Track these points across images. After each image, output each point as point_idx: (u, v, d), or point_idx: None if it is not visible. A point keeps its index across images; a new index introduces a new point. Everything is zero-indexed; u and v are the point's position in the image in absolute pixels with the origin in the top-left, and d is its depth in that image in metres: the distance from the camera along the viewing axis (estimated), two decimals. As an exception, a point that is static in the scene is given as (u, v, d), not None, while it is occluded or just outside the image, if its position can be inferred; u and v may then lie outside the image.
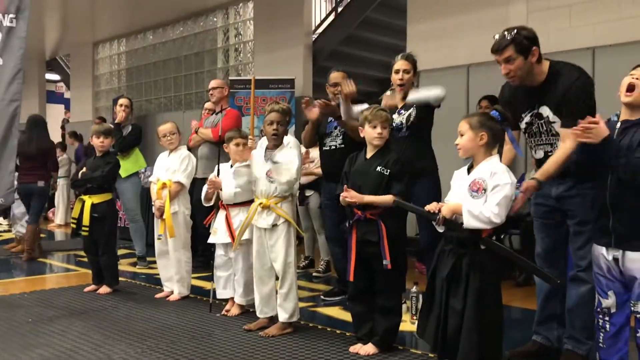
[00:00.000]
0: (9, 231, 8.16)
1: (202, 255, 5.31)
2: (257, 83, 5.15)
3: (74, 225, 4.95)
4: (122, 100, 6.05)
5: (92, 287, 4.88)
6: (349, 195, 3.20)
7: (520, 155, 2.99)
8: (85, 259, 5.86)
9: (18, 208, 7.01)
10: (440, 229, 2.76)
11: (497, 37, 2.87)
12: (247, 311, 4.14)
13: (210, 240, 4.21)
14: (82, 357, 3.27)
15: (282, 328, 3.67)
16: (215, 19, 8.62)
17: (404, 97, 3.89)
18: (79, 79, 11.29)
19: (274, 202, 3.67)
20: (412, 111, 3.83)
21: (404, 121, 3.83)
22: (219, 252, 4.21)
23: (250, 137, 4.03)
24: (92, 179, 4.69)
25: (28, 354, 3.32)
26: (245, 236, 3.96)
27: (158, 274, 4.88)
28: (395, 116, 3.84)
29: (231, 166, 4.16)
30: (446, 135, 3.41)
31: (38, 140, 6.56)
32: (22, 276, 5.95)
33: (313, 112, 4.23)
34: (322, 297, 4.69)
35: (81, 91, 11.16)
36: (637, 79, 2.49)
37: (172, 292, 4.64)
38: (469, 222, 2.59)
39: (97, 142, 4.82)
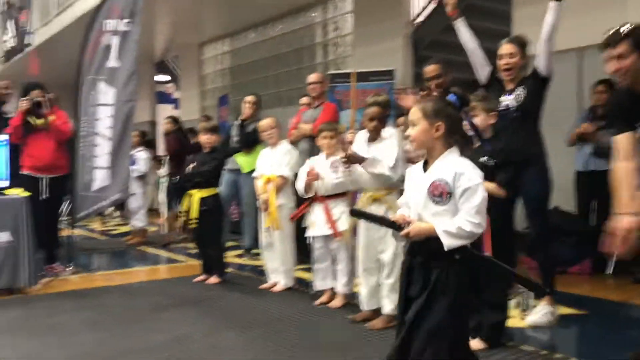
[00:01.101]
0: (126, 224, 8.71)
1: (305, 247, 5.38)
2: (357, 76, 5.12)
3: (183, 218, 5.18)
4: (248, 98, 6.11)
5: (202, 277, 5.10)
6: None
7: (484, 145, 2.48)
8: (194, 251, 6.15)
9: (134, 202, 7.46)
10: (402, 241, 2.36)
11: (611, 30, 2.62)
12: (349, 303, 4.16)
13: (309, 233, 4.26)
14: (195, 343, 3.42)
15: (388, 321, 3.64)
16: (314, 15, 8.71)
17: (512, 80, 3.71)
18: (187, 79, 11.83)
19: (383, 194, 3.66)
20: (522, 91, 3.65)
21: (514, 102, 3.66)
22: (317, 244, 4.25)
23: (350, 130, 4.03)
24: (199, 173, 4.90)
25: (147, 338, 3.53)
26: (346, 227, 4.01)
27: (263, 266, 5.01)
28: (504, 98, 3.68)
29: (326, 158, 4.19)
30: (555, 123, 3.21)
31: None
32: (139, 266, 6.34)
33: (408, 100, 4.11)
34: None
35: (189, 91, 11.69)
36: None
37: (276, 283, 4.75)
38: (450, 243, 2.13)
39: (204, 139, 5.03)
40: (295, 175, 4.50)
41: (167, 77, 13.81)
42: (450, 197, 2.14)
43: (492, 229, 3.01)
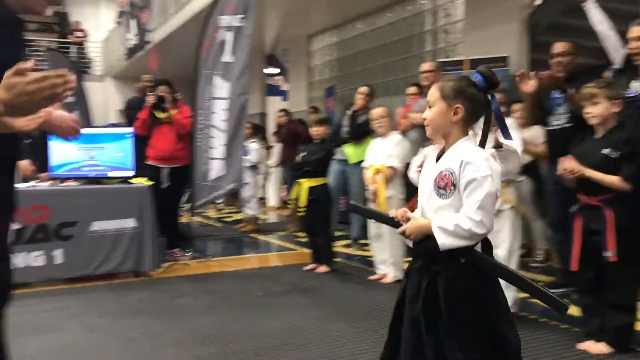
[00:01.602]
0: (239, 212, 9.06)
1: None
2: (469, 63, 4.98)
3: (292, 207, 5.30)
4: (362, 89, 6.13)
5: (311, 265, 5.19)
6: (568, 166, 2.95)
7: (505, 138, 2.08)
8: (304, 239, 6.27)
9: (246, 191, 7.74)
10: (409, 242, 2.05)
11: None
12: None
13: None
14: (305, 330, 3.50)
15: None
16: (423, 2, 8.53)
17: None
18: (295, 71, 12.05)
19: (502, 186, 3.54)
20: None
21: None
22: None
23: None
24: (308, 162, 5.00)
25: (260, 323, 3.65)
26: None
27: (372, 257, 5.01)
28: (635, 84, 3.41)
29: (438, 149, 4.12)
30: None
31: None
32: (251, 253, 6.58)
33: (529, 85, 3.90)
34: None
35: (297, 83, 11.91)
36: None
37: (385, 275, 4.73)
38: (444, 242, 1.84)
39: (314, 130, 5.10)
40: (407, 166, 4.44)
41: (276, 70, 14.15)
42: (455, 190, 1.86)
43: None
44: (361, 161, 6.04)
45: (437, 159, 1.97)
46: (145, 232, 4.96)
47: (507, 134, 2.04)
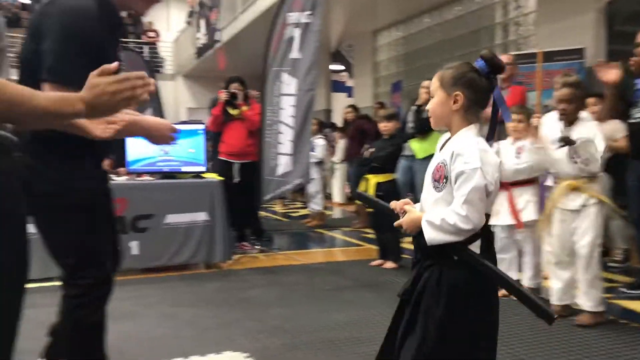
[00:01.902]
0: (304, 207, 9.15)
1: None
2: (542, 56, 4.82)
3: (359, 202, 5.30)
4: (425, 82, 6.12)
5: (378, 261, 5.19)
6: None
7: (506, 121, 1.97)
8: (370, 235, 6.27)
9: (312, 187, 7.81)
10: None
11: None
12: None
13: (491, 222, 4.12)
14: (372, 325, 3.51)
15: (594, 318, 3.41)
16: (493, -6, 8.36)
17: None
18: (360, 67, 12.05)
19: (583, 182, 3.44)
20: None
21: None
22: (501, 234, 4.10)
23: (535, 115, 3.82)
24: (376, 158, 4.99)
25: (328, 317, 3.69)
26: (533, 217, 3.84)
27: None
28: None
29: (512, 144, 4.04)
30: None
31: None
32: (317, 248, 6.64)
33: (612, 74, 3.70)
34: (623, 289, 4.23)
35: (363, 79, 11.90)
36: None
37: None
38: (431, 236, 1.77)
39: (382, 126, 5.09)
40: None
41: (341, 66, 14.18)
42: (447, 182, 1.78)
43: None
44: (428, 156, 6.00)
45: (441, 150, 1.89)
46: (216, 225, 5.10)
47: (507, 116, 1.93)
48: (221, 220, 5.12)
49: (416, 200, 2.01)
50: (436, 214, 1.77)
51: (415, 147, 5.91)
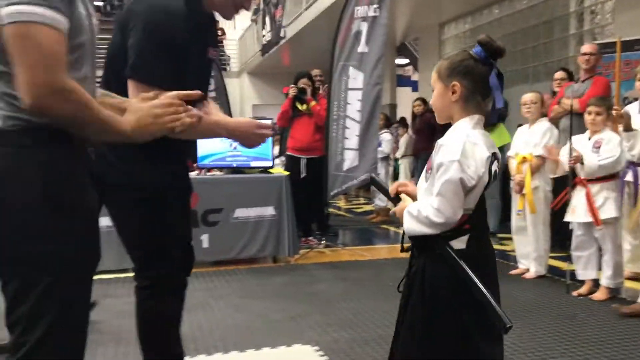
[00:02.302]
0: (369, 203, 9.11)
1: (557, 234, 5.03)
2: (621, 45, 4.58)
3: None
4: None
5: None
6: None
7: (497, 105, 1.80)
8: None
9: (378, 182, 7.75)
10: None
11: None
12: (615, 297, 3.79)
13: (567, 218, 3.98)
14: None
15: None
16: (567, -18, 8.01)
17: None
18: (426, 60, 11.84)
19: None
20: None
21: None
22: (578, 231, 3.93)
23: (615, 107, 3.64)
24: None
25: (394, 312, 3.63)
26: (612, 214, 3.66)
27: (510, 251, 4.80)
28: None
29: (589, 138, 3.86)
30: None
31: None
32: (382, 244, 6.59)
33: None
34: None
35: (429, 72, 11.61)
36: None
37: (527, 270, 4.51)
38: (408, 227, 1.75)
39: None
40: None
41: (406, 60, 14.01)
42: (432, 172, 1.75)
43: None
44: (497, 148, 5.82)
45: None
46: (283, 219, 5.14)
47: (500, 102, 1.80)
48: (288, 215, 5.15)
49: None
50: (417, 204, 1.76)
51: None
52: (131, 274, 2.16)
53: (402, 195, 1.87)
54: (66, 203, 1.36)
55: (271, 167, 5.39)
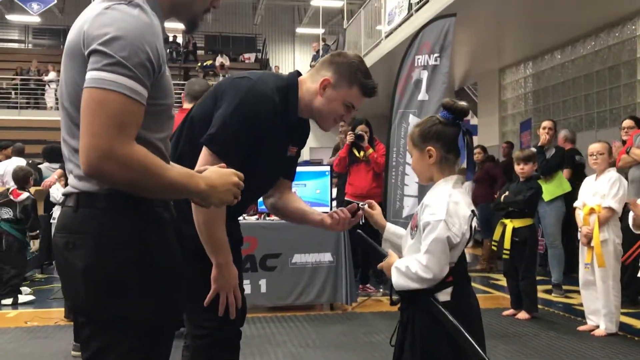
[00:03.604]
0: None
1: (626, 289, 4.78)
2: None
3: (494, 248, 5.07)
4: (545, 123, 5.94)
5: (511, 311, 4.90)
6: None
7: (462, 163, 1.95)
8: (499, 282, 5.97)
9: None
10: None
11: None
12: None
13: (640, 273, 3.77)
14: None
15: None
16: (633, 27, 7.80)
17: None
18: (486, 105, 11.75)
19: None
20: None
21: None
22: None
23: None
24: (514, 202, 4.75)
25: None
26: None
27: (577, 304, 4.59)
28: None
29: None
30: None
31: None
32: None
33: None
34: None
35: (488, 117, 11.58)
36: None
37: (597, 327, 4.29)
38: (396, 281, 1.87)
39: (518, 168, 4.87)
40: (625, 207, 4.03)
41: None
42: (417, 231, 1.88)
43: None
44: (555, 199, 5.65)
45: None
46: (341, 266, 5.10)
47: (463, 159, 1.94)
48: (346, 261, 5.12)
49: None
50: (404, 261, 1.88)
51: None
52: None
53: (389, 252, 1.99)
54: (156, 266, 1.39)
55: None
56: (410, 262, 1.85)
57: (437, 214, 1.82)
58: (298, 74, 2.10)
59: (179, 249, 1.50)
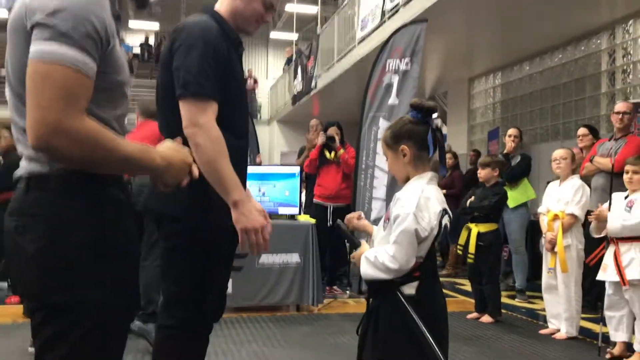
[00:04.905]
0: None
1: (587, 294, 4.88)
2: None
3: (460, 252, 5.12)
4: (511, 131, 6.08)
5: (475, 314, 4.96)
6: None
7: (430, 154, 2.01)
8: (464, 287, 6.03)
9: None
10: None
11: None
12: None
13: (599, 277, 3.87)
14: (472, 382, 3.32)
15: None
16: (599, 41, 8.01)
17: None
18: (455, 114, 11.89)
19: None
20: None
21: None
22: (609, 290, 3.82)
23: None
24: (479, 207, 4.80)
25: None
26: (637, 276, 3.56)
27: (539, 309, 4.67)
28: None
29: (626, 197, 3.79)
30: None
31: None
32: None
33: None
34: None
35: (457, 126, 11.72)
36: None
37: (558, 330, 4.37)
38: (364, 271, 1.94)
39: (482, 174, 4.93)
40: (587, 214, 4.12)
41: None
42: (389, 223, 1.93)
43: None
44: (519, 205, 5.74)
45: None
46: (308, 267, 5.09)
47: (431, 152, 1.99)
48: (313, 263, 5.11)
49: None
50: (374, 251, 1.93)
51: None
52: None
53: (362, 242, 2.04)
54: (111, 249, 1.34)
55: (298, 214, 5.38)
56: (379, 252, 1.90)
57: (407, 207, 1.87)
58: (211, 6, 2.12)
59: (136, 230, 1.45)
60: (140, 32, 21.19)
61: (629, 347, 3.78)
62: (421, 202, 1.87)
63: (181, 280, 2.00)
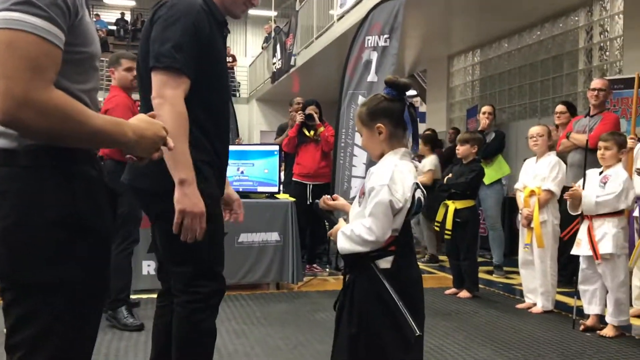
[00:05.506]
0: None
1: (562, 269, 4.97)
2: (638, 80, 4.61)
3: (437, 229, 5.16)
4: (485, 108, 6.13)
5: (453, 290, 5.02)
6: None
7: (408, 134, 2.03)
8: (442, 263, 6.10)
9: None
10: None
11: None
12: (623, 334, 3.72)
13: (573, 251, 3.94)
14: (450, 356, 3.37)
15: None
16: (576, 18, 8.04)
17: None
18: (434, 92, 11.90)
19: None
20: None
21: None
22: (583, 265, 3.89)
23: (630, 137, 3.63)
24: (456, 184, 4.83)
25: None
26: (608, 250, 3.63)
27: (516, 284, 4.74)
28: None
29: (600, 173, 3.84)
30: None
31: None
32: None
33: None
34: None
35: (436, 104, 11.75)
36: None
37: (534, 304, 4.44)
38: (341, 245, 1.94)
39: (461, 150, 4.95)
40: (564, 190, 4.17)
41: (414, 92, 14.08)
42: (364, 197, 1.93)
43: None
44: (494, 182, 5.80)
45: None
46: (288, 246, 5.09)
47: (410, 130, 2.00)
48: (293, 241, 5.11)
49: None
50: (350, 225, 1.94)
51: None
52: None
53: (340, 219, 2.05)
54: (81, 227, 1.30)
55: (277, 193, 5.37)
56: (355, 225, 1.91)
57: (380, 180, 1.89)
58: None
59: (109, 207, 1.42)
60: (116, 8, 20.78)
61: (601, 319, 3.86)
62: (395, 175, 1.89)
63: (187, 258, 1.99)
